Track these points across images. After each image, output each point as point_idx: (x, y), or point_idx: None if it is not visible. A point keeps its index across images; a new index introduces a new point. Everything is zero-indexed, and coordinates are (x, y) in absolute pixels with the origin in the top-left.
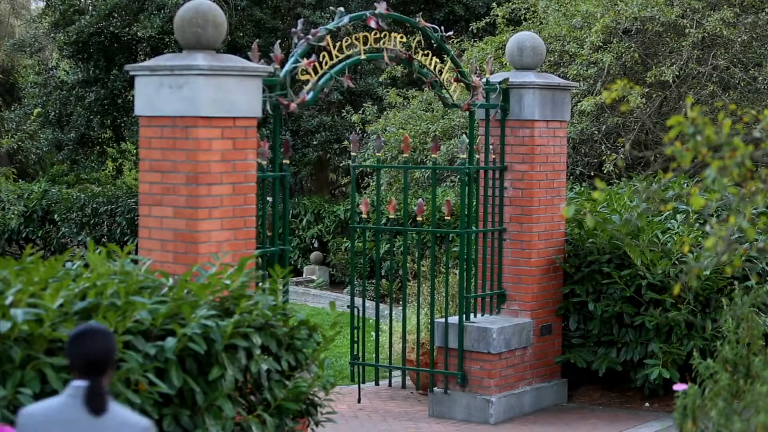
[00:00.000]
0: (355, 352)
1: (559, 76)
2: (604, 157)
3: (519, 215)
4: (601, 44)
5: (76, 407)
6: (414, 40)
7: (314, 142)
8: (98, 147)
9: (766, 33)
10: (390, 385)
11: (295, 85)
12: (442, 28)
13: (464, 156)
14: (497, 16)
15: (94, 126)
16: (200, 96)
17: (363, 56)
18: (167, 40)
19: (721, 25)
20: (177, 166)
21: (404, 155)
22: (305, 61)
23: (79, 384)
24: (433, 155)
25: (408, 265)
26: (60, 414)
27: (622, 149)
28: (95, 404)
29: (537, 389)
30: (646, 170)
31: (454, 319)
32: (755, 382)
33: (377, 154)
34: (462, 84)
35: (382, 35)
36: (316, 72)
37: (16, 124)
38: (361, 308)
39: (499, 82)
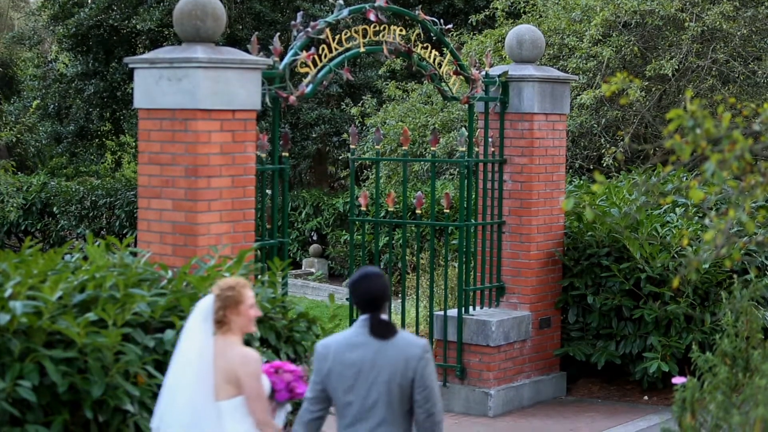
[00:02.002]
0: None
1: (558, 69)
2: (603, 151)
3: (518, 208)
4: (600, 37)
5: (365, 334)
6: (413, 32)
7: (313, 135)
8: (97, 140)
9: (766, 27)
10: None
11: (295, 78)
12: (442, 21)
13: (463, 149)
14: (497, 9)
15: (93, 119)
16: (199, 88)
17: (362, 49)
18: (166, 32)
19: (720, 19)
20: (176, 159)
21: (403, 148)
22: (304, 53)
23: (365, 317)
24: (432, 148)
25: (407, 257)
26: (353, 340)
27: (622, 142)
28: (379, 331)
29: (536, 382)
30: (646, 163)
31: (453, 312)
32: (754, 375)
33: (376, 146)
34: (461, 77)
35: (382, 28)
36: (315, 65)
37: (15, 117)
38: None
39: (499, 75)
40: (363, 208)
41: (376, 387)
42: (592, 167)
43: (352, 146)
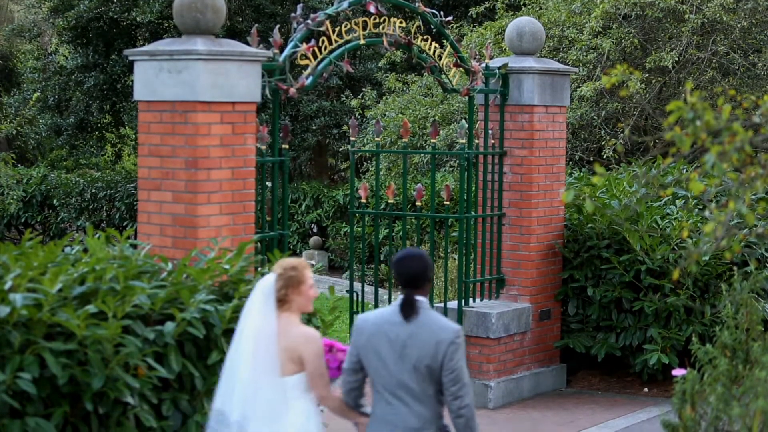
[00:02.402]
0: None
1: (558, 61)
2: (603, 143)
3: (518, 200)
4: (600, 30)
5: (399, 314)
6: (413, 25)
7: (313, 127)
8: (97, 132)
9: (766, 19)
10: None
11: (295, 70)
12: (442, 13)
13: (463, 141)
14: (497, 1)
15: (93, 111)
16: (199, 81)
17: (362, 41)
18: (166, 25)
19: (720, 11)
20: (176, 151)
21: (403, 140)
22: (304, 46)
23: (401, 296)
24: (432, 140)
25: None
26: (389, 317)
27: (622, 134)
28: (407, 312)
29: (536, 374)
30: (646, 155)
31: (453, 304)
32: (754, 367)
33: (376, 139)
34: (461, 69)
35: (382, 20)
36: (315, 57)
37: (15, 110)
38: (360, 293)
39: (499, 68)
40: (363, 200)
41: (405, 365)
42: (592, 159)
43: (352, 138)
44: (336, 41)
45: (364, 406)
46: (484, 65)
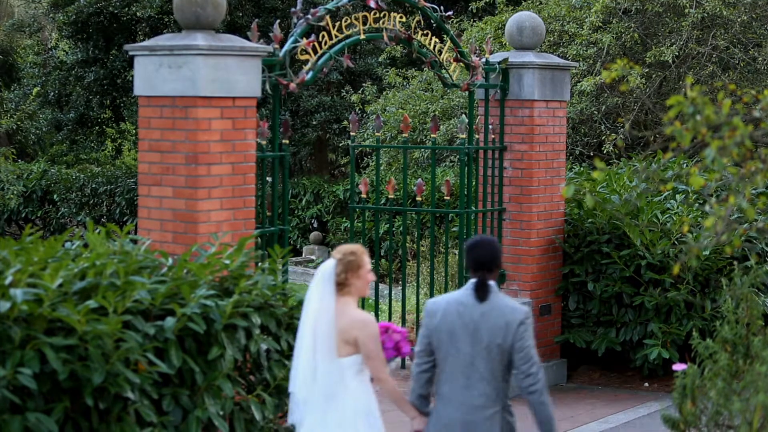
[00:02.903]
0: None
1: (558, 56)
2: (603, 137)
3: (518, 195)
4: (600, 24)
5: (471, 296)
6: (413, 19)
7: (314, 122)
8: (97, 127)
9: (766, 13)
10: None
11: (295, 65)
12: (442, 7)
13: (464, 136)
14: None
15: (93, 106)
16: (200, 76)
17: (362, 36)
18: (166, 20)
19: (720, 5)
20: (176, 146)
21: (403, 135)
22: (305, 40)
23: (473, 279)
24: (432, 135)
25: (407, 245)
26: (459, 299)
27: (622, 129)
28: (481, 293)
29: None
30: (646, 150)
31: None
32: (754, 362)
33: (376, 134)
34: (461, 64)
35: (382, 15)
36: (315, 52)
37: (15, 104)
38: None
39: (499, 62)
40: (363, 196)
41: (477, 345)
42: (592, 154)
43: (352, 133)
44: (336, 36)
45: (430, 400)
46: (484, 60)
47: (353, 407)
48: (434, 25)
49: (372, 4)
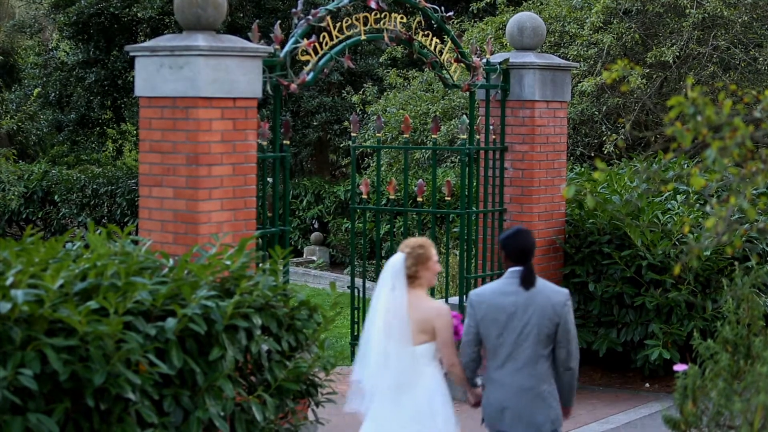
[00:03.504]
0: (356, 333)
1: (559, 56)
2: (604, 138)
3: (519, 196)
4: (601, 25)
5: (514, 284)
6: (414, 20)
7: (314, 123)
8: (98, 128)
9: (767, 13)
10: None
11: (296, 66)
12: (443, 8)
13: (465, 136)
14: None
15: (94, 107)
16: (200, 76)
17: (363, 37)
18: (167, 20)
19: (721, 6)
20: (177, 147)
21: (404, 136)
22: (305, 41)
23: (514, 269)
24: (433, 136)
25: None
26: (505, 288)
27: (623, 130)
28: (527, 281)
29: None
30: (647, 151)
31: (454, 300)
32: (755, 362)
33: (377, 134)
34: (462, 64)
35: (383, 15)
36: (316, 52)
37: (16, 105)
38: (361, 289)
39: (500, 63)
40: (364, 196)
41: (526, 329)
42: (593, 154)
43: (353, 134)
44: (337, 37)
45: (478, 378)
46: (485, 60)
47: (429, 394)
48: (435, 25)
49: (373, 5)
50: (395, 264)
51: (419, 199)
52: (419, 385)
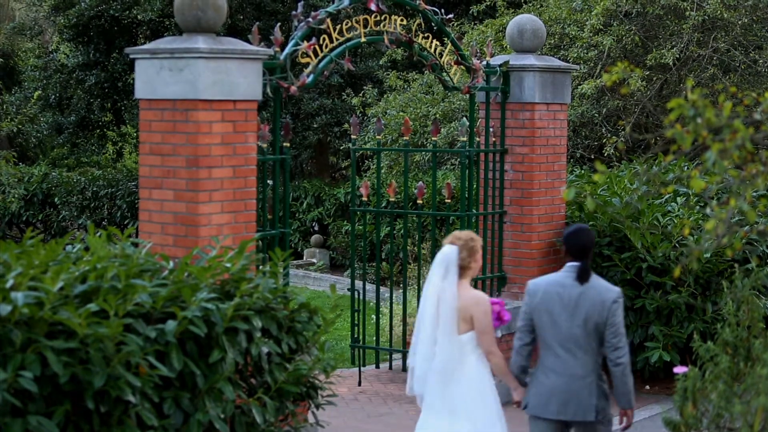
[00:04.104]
0: (356, 335)
1: (559, 58)
2: (604, 140)
3: (519, 198)
4: (601, 27)
5: (570, 278)
6: (414, 22)
7: (314, 125)
8: (98, 130)
9: (767, 15)
10: (390, 368)
11: (296, 68)
12: (443, 10)
13: (465, 139)
14: None
15: (94, 109)
16: (200, 79)
17: (363, 39)
18: (167, 23)
19: (721, 8)
20: (177, 149)
21: (404, 138)
22: (305, 44)
23: (572, 264)
24: (433, 138)
25: (408, 247)
26: (561, 281)
27: (623, 132)
28: (583, 276)
29: None
30: (647, 153)
31: None
32: (755, 364)
33: (377, 137)
34: (462, 67)
35: (383, 18)
36: (316, 55)
37: (16, 108)
38: (361, 291)
39: (500, 65)
40: (364, 199)
41: (576, 321)
42: (593, 157)
43: (353, 136)
44: (337, 39)
45: (528, 372)
46: (485, 63)
47: (477, 381)
48: (435, 28)
49: (373, 7)
50: (449, 255)
51: (419, 201)
52: (466, 374)
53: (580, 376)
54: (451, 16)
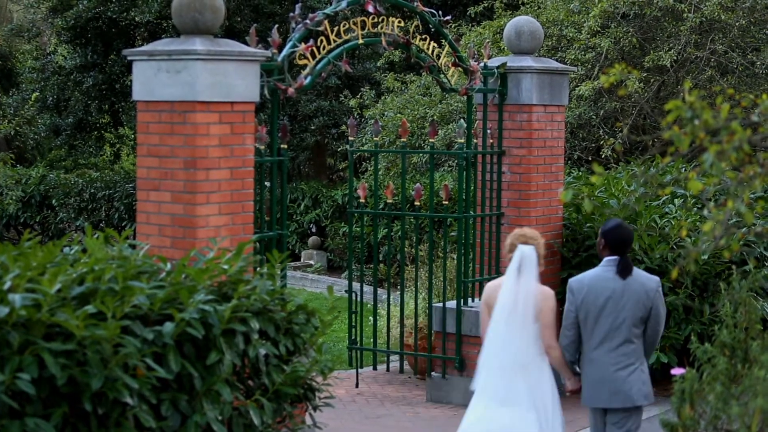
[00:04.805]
0: (353, 337)
1: (556, 60)
2: (602, 142)
3: (517, 200)
4: (598, 29)
5: (611, 272)
6: (412, 24)
7: (312, 127)
8: (96, 132)
9: (764, 17)
10: (388, 369)
11: (293, 70)
12: (440, 12)
13: (462, 140)
14: (495, 0)
15: (92, 111)
16: (198, 81)
17: (361, 41)
18: (165, 25)
19: (719, 10)
20: (175, 151)
21: (402, 140)
22: (303, 45)
23: (610, 258)
24: (430, 140)
25: (406, 249)
26: (603, 275)
27: (620, 134)
28: (624, 270)
29: None
30: (644, 155)
31: (451, 304)
32: (753, 366)
33: (375, 138)
34: (460, 69)
35: (380, 20)
36: (313, 57)
37: (14, 110)
38: (359, 293)
39: (497, 67)
40: (362, 200)
41: (623, 312)
42: (590, 158)
43: (350, 138)
44: (334, 41)
45: (577, 364)
46: (482, 64)
47: (547, 372)
48: (432, 29)
49: (370, 9)
50: (529, 254)
51: (417, 203)
52: (535, 364)
53: (626, 366)
54: (448, 17)
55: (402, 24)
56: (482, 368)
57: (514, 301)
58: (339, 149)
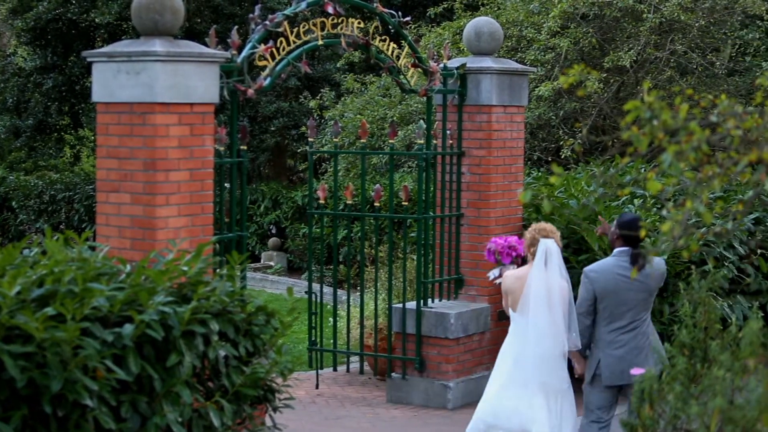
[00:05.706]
0: (313, 338)
1: (516, 61)
2: (561, 142)
3: (476, 200)
4: (558, 29)
5: (625, 261)
6: (371, 25)
7: (272, 128)
8: (56, 134)
9: (724, 18)
10: (348, 370)
11: (253, 71)
12: (400, 13)
13: (422, 141)
14: (455, 1)
15: (51, 113)
16: (158, 82)
17: (320, 42)
18: (125, 26)
19: (678, 10)
20: (134, 153)
21: (362, 141)
22: (262, 46)
23: (622, 249)
24: (390, 141)
25: (366, 250)
26: (616, 264)
27: (580, 134)
28: (642, 262)
29: None
30: (604, 155)
31: (411, 305)
32: (712, 366)
33: (335, 139)
34: (419, 69)
35: (340, 21)
36: (273, 58)
37: None
38: (318, 294)
39: (457, 68)
40: (322, 201)
41: (636, 297)
42: (550, 159)
43: (310, 139)
44: (294, 42)
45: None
46: (442, 65)
47: (563, 346)
48: (392, 30)
49: (330, 10)
50: (554, 248)
51: (376, 203)
52: (560, 350)
53: (640, 346)
54: (408, 18)
55: (362, 25)
56: (509, 356)
57: (548, 291)
58: (299, 150)
